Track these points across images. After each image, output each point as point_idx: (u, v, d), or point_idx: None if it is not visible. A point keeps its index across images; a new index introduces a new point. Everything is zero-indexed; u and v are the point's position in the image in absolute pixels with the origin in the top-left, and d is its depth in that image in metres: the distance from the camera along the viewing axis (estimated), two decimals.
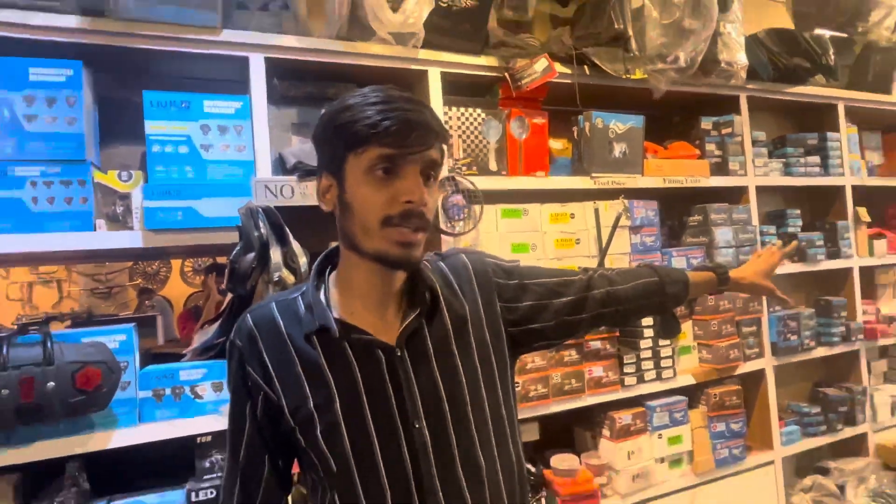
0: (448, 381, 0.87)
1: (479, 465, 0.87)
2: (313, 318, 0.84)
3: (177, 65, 1.58)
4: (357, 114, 0.76)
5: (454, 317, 0.90)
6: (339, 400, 0.83)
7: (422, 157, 0.78)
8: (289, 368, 0.84)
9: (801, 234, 2.52)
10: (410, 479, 0.83)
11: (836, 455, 2.63)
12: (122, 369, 1.33)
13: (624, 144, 2.06)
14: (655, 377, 2.06)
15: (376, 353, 0.84)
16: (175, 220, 1.41)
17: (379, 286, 0.86)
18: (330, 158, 0.82)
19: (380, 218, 0.77)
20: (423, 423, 0.84)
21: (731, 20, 2.21)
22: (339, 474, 0.83)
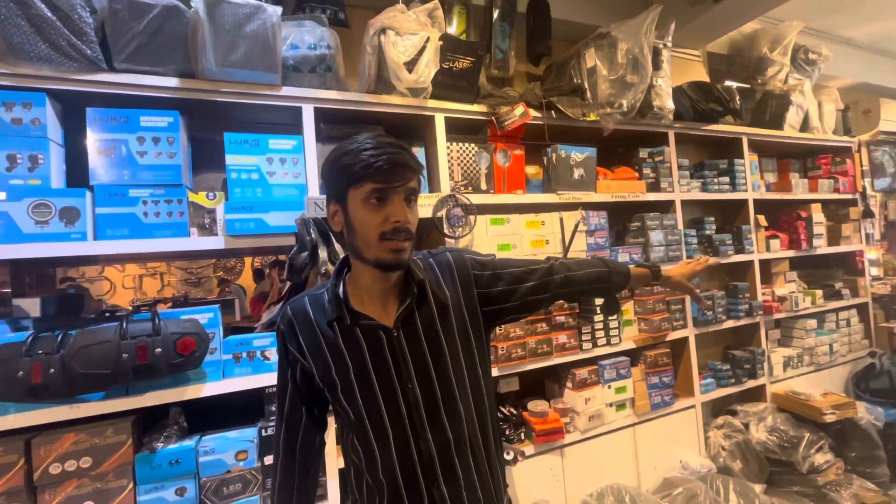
0: (434, 352, 0.90)
1: (458, 411, 0.90)
2: (332, 310, 0.88)
3: (248, 112, 1.60)
4: (355, 158, 0.79)
5: (438, 304, 0.92)
6: (352, 369, 0.87)
7: (404, 187, 0.81)
8: (317, 346, 0.88)
9: (714, 235, 2.51)
10: (406, 423, 0.88)
11: (742, 401, 2.62)
12: (210, 338, 1.35)
13: (582, 169, 2.06)
14: (606, 343, 2.06)
15: (379, 334, 0.88)
16: (248, 228, 1.42)
17: (379, 284, 0.88)
18: (336, 191, 0.84)
19: (377, 234, 0.81)
20: (415, 384, 0.88)
21: (661, 76, 2.21)
22: (356, 422, 0.89)
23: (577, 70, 2.13)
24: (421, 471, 0.87)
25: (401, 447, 0.87)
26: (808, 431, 2.35)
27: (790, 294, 2.76)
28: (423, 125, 1.83)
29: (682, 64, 2.82)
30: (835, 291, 3.02)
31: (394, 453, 0.87)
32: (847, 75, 3.47)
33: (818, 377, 2.80)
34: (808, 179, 3.00)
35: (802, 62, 2.94)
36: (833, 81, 3.49)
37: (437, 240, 1.77)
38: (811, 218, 2.87)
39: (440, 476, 0.88)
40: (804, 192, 2.90)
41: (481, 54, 1.80)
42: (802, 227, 2.86)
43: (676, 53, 2.78)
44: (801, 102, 2.86)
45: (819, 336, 2.84)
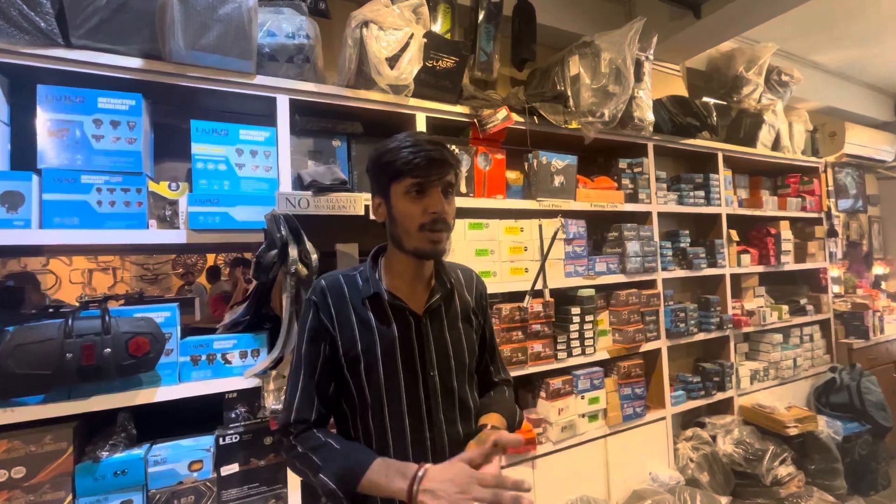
0: (455, 347, 0.98)
1: (469, 409, 0.99)
2: (370, 287, 0.94)
3: (218, 100, 1.54)
4: (396, 155, 0.87)
5: (462, 304, 1.02)
6: (379, 346, 0.91)
7: (441, 181, 0.88)
8: (347, 320, 0.92)
9: (689, 248, 2.59)
10: (423, 410, 0.92)
11: (710, 413, 2.71)
12: (167, 339, 1.29)
13: (562, 177, 2.09)
14: (580, 353, 2.09)
15: (408, 318, 0.93)
16: (213, 222, 1.37)
17: (413, 271, 0.95)
18: (379, 185, 0.92)
19: (417, 225, 0.88)
20: (436, 372, 0.94)
21: (643, 88, 2.27)
22: (373, 402, 0.91)
23: (560, 77, 2.17)
24: (433, 461, 0.89)
25: (416, 434, 0.91)
26: (773, 444, 2.45)
27: (758, 308, 2.87)
28: (404, 123, 1.81)
29: (662, 77, 2.91)
30: (800, 307, 3.17)
31: (408, 439, 0.90)
32: (816, 98, 3.67)
33: (783, 390, 2.93)
34: (778, 197, 3.15)
35: (775, 83, 3.10)
36: (803, 104, 3.70)
37: None
38: (780, 235, 3.01)
39: None
40: (774, 209, 3.05)
41: (465, 55, 1.80)
42: (772, 244, 2.99)
43: (658, 67, 2.87)
44: (774, 122, 3.01)
45: (784, 350, 2.97)
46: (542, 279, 1.98)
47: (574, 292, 2.16)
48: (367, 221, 1.60)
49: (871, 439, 2.84)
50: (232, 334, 1.41)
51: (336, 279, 0.96)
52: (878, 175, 4.60)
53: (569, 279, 2.08)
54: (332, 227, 1.78)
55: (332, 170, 1.58)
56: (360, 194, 1.56)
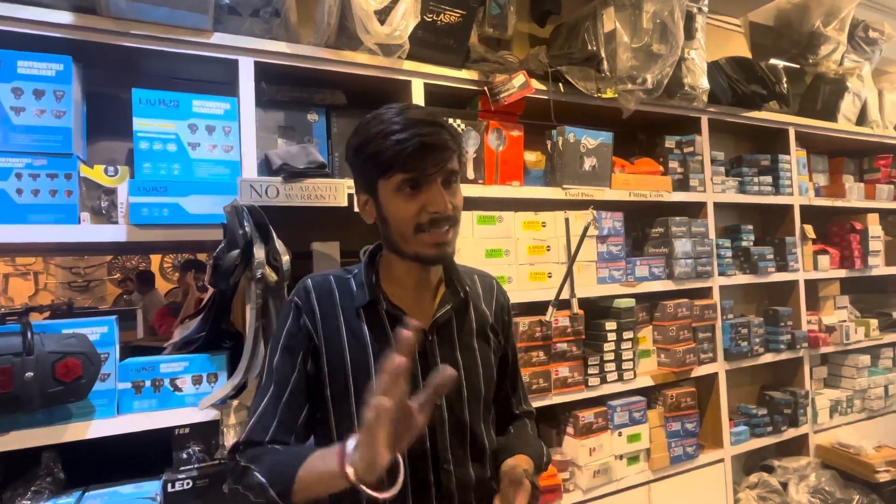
0: (467, 370, 0.97)
1: (484, 448, 0.99)
2: (365, 294, 0.94)
3: (167, 64, 1.55)
4: (380, 145, 0.84)
5: (479, 319, 1.02)
6: (373, 365, 0.90)
7: (441, 170, 0.87)
8: (336, 332, 0.93)
9: (753, 247, 2.59)
10: (427, 448, 0.92)
11: (780, 454, 2.70)
12: (103, 361, 1.29)
13: (594, 159, 2.09)
14: (617, 378, 2.09)
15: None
16: (160, 215, 1.38)
17: (416, 278, 0.96)
18: (364, 180, 0.91)
19: (413, 227, 0.87)
20: (443, 402, 0.93)
21: (694, 47, 2.27)
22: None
23: (592, 34, 2.17)
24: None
25: (417, 475, 0.91)
26: (858, 493, 2.45)
27: (840, 323, 2.87)
28: (397, 92, 1.82)
29: (719, 34, 2.92)
30: (893, 321, 3.16)
31: (408, 482, 0.89)
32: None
33: (871, 426, 2.92)
34: (865, 184, 3.14)
35: (861, 41, 3.09)
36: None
37: None
38: (867, 231, 3.00)
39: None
40: (860, 198, 3.04)
41: (473, 6, 1.81)
42: (856, 242, 2.99)
43: (714, 21, 2.87)
44: (859, 90, 3.00)
45: (873, 376, 2.97)
46: (570, 286, 1.98)
47: (609, 303, 2.16)
48: (351, 214, 1.60)
49: None
50: (183, 355, 1.42)
51: (325, 280, 0.97)
52: None
53: (602, 286, 2.08)
54: (308, 221, 1.78)
55: (308, 150, 1.58)
56: (343, 180, 1.57)
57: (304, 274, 1.62)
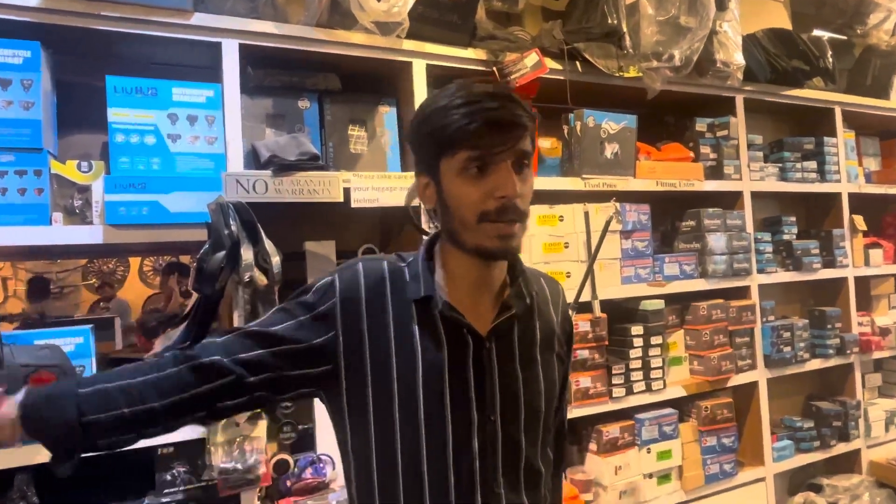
0: (527, 384, 0.95)
1: (538, 472, 0.97)
2: (419, 287, 0.91)
3: (144, 49, 1.57)
4: (444, 119, 0.84)
5: (544, 327, 1.00)
6: (421, 369, 0.89)
7: (512, 150, 0.85)
8: (383, 331, 0.91)
9: (795, 241, 2.59)
10: (476, 469, 0.89)
11: (829, 471, 2.68)
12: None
13: (616, 145, 2.09)
14: (645, 389, 2.09)
15: (465, 337, 0.91)
16: (139, 214, 1.39)
17: (476, 276, 0.94)
18: (425, 160, 0.91)
19: (476, 214, 0.85)
20: (497, 417, 0.91)
21: (727, 19, 2.26)
22: (405, 453, 0.89)
23: (612, 7, 2.16)
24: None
25: (462, 499, 0.89)
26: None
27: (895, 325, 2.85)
28: (396, 75, 1.83)
29: (756, 4, 2.90)
30: None
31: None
32: None
33: None
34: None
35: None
36: None
37: (410, 239, 1.77)
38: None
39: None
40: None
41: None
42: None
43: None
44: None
45: None
46: (591, 287, 1.98)
47: (635, 305, 2.16)
48: (348, 210, 1.62)
49: None
50: None
51: (378, 268, 0.94)
52: None
53: (627, 287, 2.09)
54: (300, 219, 1.80)
55: (299, 140, 1.60)
56: (337, 173, 1.58)
57: (296, 276, 1.66)
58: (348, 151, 1.76)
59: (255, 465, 1.44)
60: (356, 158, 1.77)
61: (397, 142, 1.83)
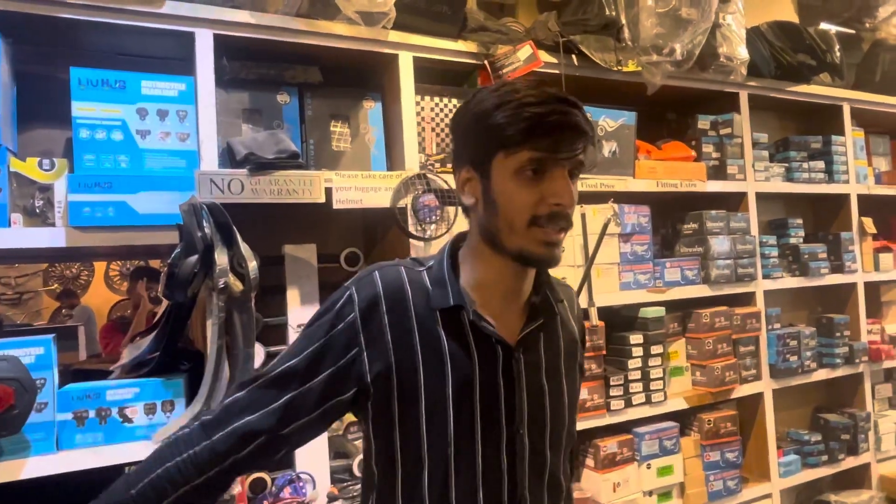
0: (552, 395, 0.99)
1: (560, 485, 1.01)
2: (446, 294, 0.92)
3: (111, 39, 1.56)
4: (513, 115, 0.84)
5: (567, 337, 1.04)
6: (451, 382, 0.91)
7: (571, 159, 0.87)
8: (406, 337, 0.91)
9: (802, 245, 2.61)
10: (504, 482, 0.93)
11: (837, 487, 2.71)
12: (39, 388, 1.30)
13: (614, 143, 2.10)
14: (644, 401, 2.10)
15: (496, 348, 0.93)
16: (105, 216, 1.38)
17: (509, 283, 0.96)
18: (475, 153, 0.91)
19: (527, 218, 0.87)
20: (525, 430, 0.95)
21: (731, 11, 2.29)
22: (432, 464, 0.91)
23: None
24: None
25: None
26: None
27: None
28: (381, 68, 1.84)
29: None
30: None
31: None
32: None
33: None
34: None
35: None
36: None
37: (396, 242, 1.77)
38: None
39: None
40: None
41: None
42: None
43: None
44: None
45: None
46: (588, 294, 2.00)
47: (634, 312, 2.18)
48: (330, 212, 1.62)
49: None
50: (133, 380, 1.43)
51: (396, 275, 0.95)
52: None
53: (626, 293, 2.10)
54: (279, 220, 1.80)
55: (277, 137, 1.59)
56: (319, 173, 1.58)
57: (274, 282, 1.66)
58: (330, 149, 1.76)
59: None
60: (338, 157, 1.77)
61: (383, 139, 1.83)
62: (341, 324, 0.91)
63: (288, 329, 1.65)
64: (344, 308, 0.92)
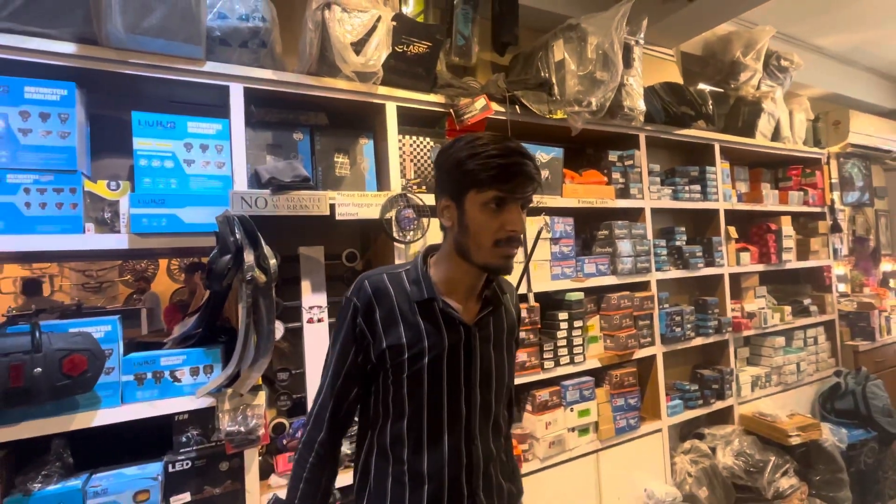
0: (498, 363, 1.04)
1: (501, 427, 1.06)
2: (421, 291, 0.97)
3: (164, 89, 1.53)
4: (483, 163, 0.88)
5: (508, 319, 1.08)
6: (427, 355, 0.95)
7: (524, 197, 0.92)
8: (394, 324, 0.95)
9: (685, 246, 2.65)
10: (463, 426, 0.98)
11: (709, 423, 2.77)
12: (107, 356, 1.28)
13: (547, 171, 2.12)
14: (569, 361, 2.13)
15: (459, 328, 0.97)
16: (159, 225, 1.36)
17: (470, 281, 0.99)
18: (453, 189, 0.94)
19: (492, 240, 0.92)
20: (478, 387, 1.00)
21: (632, 74, 2.32)
22: (412, 411, 0.96)
23: (544, 63, 2.20)
24: (466, 476, 0.98)
25: (453, 447, 0.97)
26: (774, 455, 2.53)
27: (759, 310, 2.96)
28: (373, 114, 1.83)
29: (654, 63, 2.98)
30: (803, 308, 3.28)
31: (445, 452, 0.96)
32: (818, 85, 3.80)
33: (785, 397, 3.02)
34: (779, 191, 3.24)
35: (774, 69, 3.19)
36: (804, 90, 3.82)
37: (384, 244, 1.77)
38: (781, 231, 3.10)
39: (482, 485, 1.00)
40: (775, 203, 3.14)
41: (440, 39, 1.82)
42: (772, 241, 3.08)
43: (649, 51, 2.94)
44: (773, 110, 3.10)
45: (787, 354, 3.07)
46: (527, 282, 2.01)
47: (561, 296, 2.20)
48: (334, 222, 1.61)
49: (878, 447, 2.95)
50: (181, 349, 1.41)
51: (381, 279, 0.98)
52: (885, 166, 4.77)
53: (556, 282, 2.12)
54: (295, 228, 1.78)
55: (293, 165, 1.58)
56: (325, 192, 1.57)
57: (293, 274, 1.64)
58: (334, 175, 1.75)
59: (255, 428, 1.41)
60: (340, 180, 1.76)
61: (374, 167, 1.82)
62: (354, 325, 0.97)
63: (302, 310, 1.64)
64: (347, 311, 0.98)
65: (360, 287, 0.98)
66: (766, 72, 3.17)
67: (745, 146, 3.00)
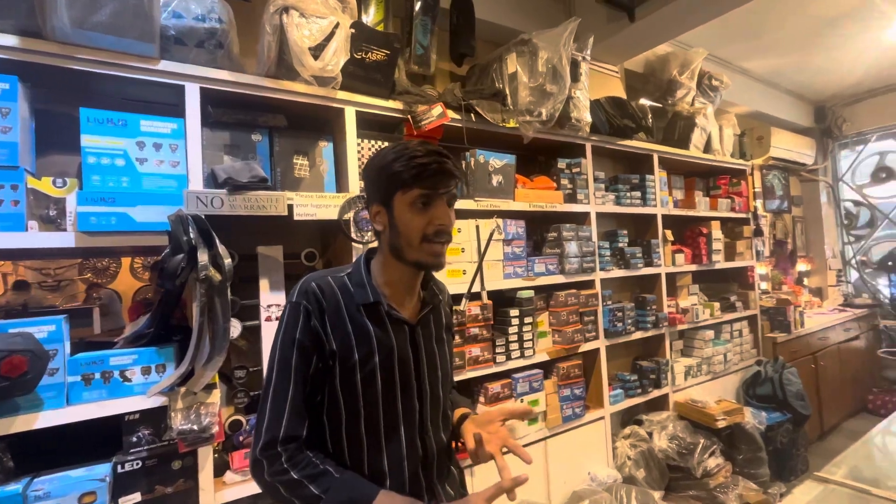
0: (441, 357, 1.04)
1: (449, 416, 1.07)
2: (366, 294, 0.95)
3: (115, 86, 1.44)
4: (405, 164, 0.88)
5: (446, 316, 1.10)
6: (378, 355, 0.93)
7: (448, 193, 0.92)
8: (342, 327, 0.92)
9: (626, 248, 2.73)
10: (416, 417, 0.97)
11: (648, 410, 2.86)
12: (51, 357, 1.19)
13: (500, 176, 2.13)
14: (520, 355, 2.15)
15: (404, 327, 0.97)
16: (108, 223, 1.27)
17: (408, 282, 0.99)
18: (381, 193, 0.93)
19: (420, 236, 0.91)
20: (426, 382, 0.99)
21: (580, 88, 2.37)
22: (367, 410, 0.93)
23: (498, 74, 2.21)
24: (423, 467, 0.97)
25: (410, 441, 0.96)
26: (703, 437, 2.64)
27: (692, 306, 3.09)
28: (332, 118, 1.78)
29: (600, 78, 3.05)
30: (730, 304, 3.44)
31: (403, 446, 0.95)
32: (744, 103, 4.00)
33: (714, 385, 3.16)
34: (710, 198, 3.39)
35: (707, 87, 3.34)
36: (732, 108, 4.01)
37: (343, 245, 1.73)
38: (711, 234, 3.24)
39: (436, 473, 1.00)
40: (706, 209, 3.28)
41: (398, 48, 1.80)
42: (704, 243, 3.22)
43: (595, 67, 3.01)
44: (705, 125, 3.24)
45: (716, 346, 3.21)
46: (480, 281, 2.01)
47: (513, 294, 2.21)
48: (292, 222, 1.55)
49: (792, 427, 3.14)
50: (132, 349, 1.32)
51: (327, 282, 0.95)
52: (800, 178, 5.09)
53: (508, 281, 2.13)
54: (256, 228, 1.71)
55: (251, 166, 1.51)
56: (283, 193, 1.51)
57: (251, 273, 1.58)
58: (293, 176, 1.69)
59: (209, 426, 1.34)
60: (299, 181, 1.70)
61: (333, 169, 1.78)
62: (309, 328, 0.91)
63: (260, 309, 1.58)
64: (297, 313, 0.92)
65: (307, 289, 0.93)
66: (700, 90, 3.31)
67: (680, 157, 3.11)
